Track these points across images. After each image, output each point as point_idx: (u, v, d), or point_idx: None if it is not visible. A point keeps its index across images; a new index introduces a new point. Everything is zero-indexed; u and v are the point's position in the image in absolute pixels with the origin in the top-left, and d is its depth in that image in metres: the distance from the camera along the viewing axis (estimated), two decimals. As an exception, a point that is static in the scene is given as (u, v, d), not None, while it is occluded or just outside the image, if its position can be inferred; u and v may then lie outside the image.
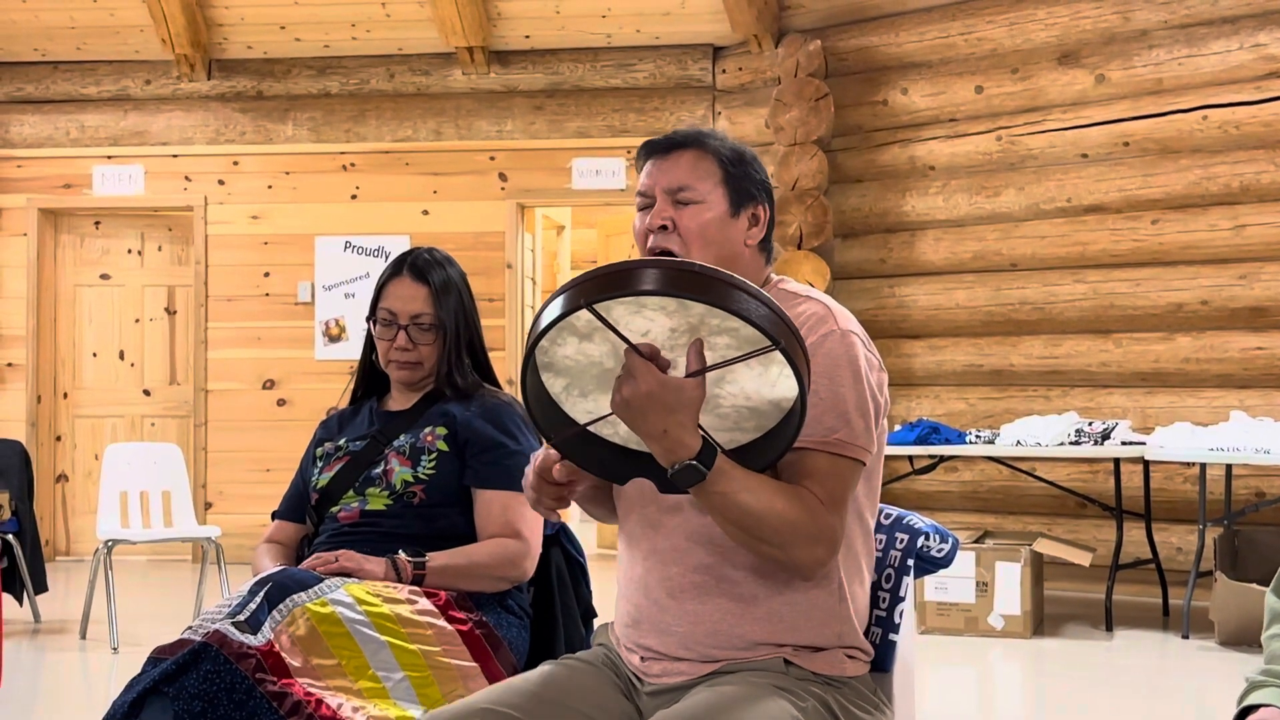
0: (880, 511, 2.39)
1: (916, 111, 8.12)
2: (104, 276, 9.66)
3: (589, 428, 2.05)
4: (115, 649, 6.01)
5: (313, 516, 2.98)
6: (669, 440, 1.93)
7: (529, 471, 2.17)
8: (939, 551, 2.35)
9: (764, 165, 2.31)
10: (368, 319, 3.01)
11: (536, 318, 1.91)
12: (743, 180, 2.23)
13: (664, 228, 2.19)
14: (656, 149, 2.26)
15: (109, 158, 9.48)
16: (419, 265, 2.97)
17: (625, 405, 1.92)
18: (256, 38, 9.25)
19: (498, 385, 3.06)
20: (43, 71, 9.51)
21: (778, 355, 1.88)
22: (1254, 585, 5.88)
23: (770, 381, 1.94)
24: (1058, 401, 7.59)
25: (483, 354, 3.05)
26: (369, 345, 3.05)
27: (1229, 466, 6.41)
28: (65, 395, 9.59)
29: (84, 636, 6.33)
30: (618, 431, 2.05)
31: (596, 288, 1.85)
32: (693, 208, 2.20)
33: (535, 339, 1.90)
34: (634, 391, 1.90)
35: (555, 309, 1.87)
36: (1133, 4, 7.39)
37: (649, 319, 1.89)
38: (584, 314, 1.86)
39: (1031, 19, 7.73)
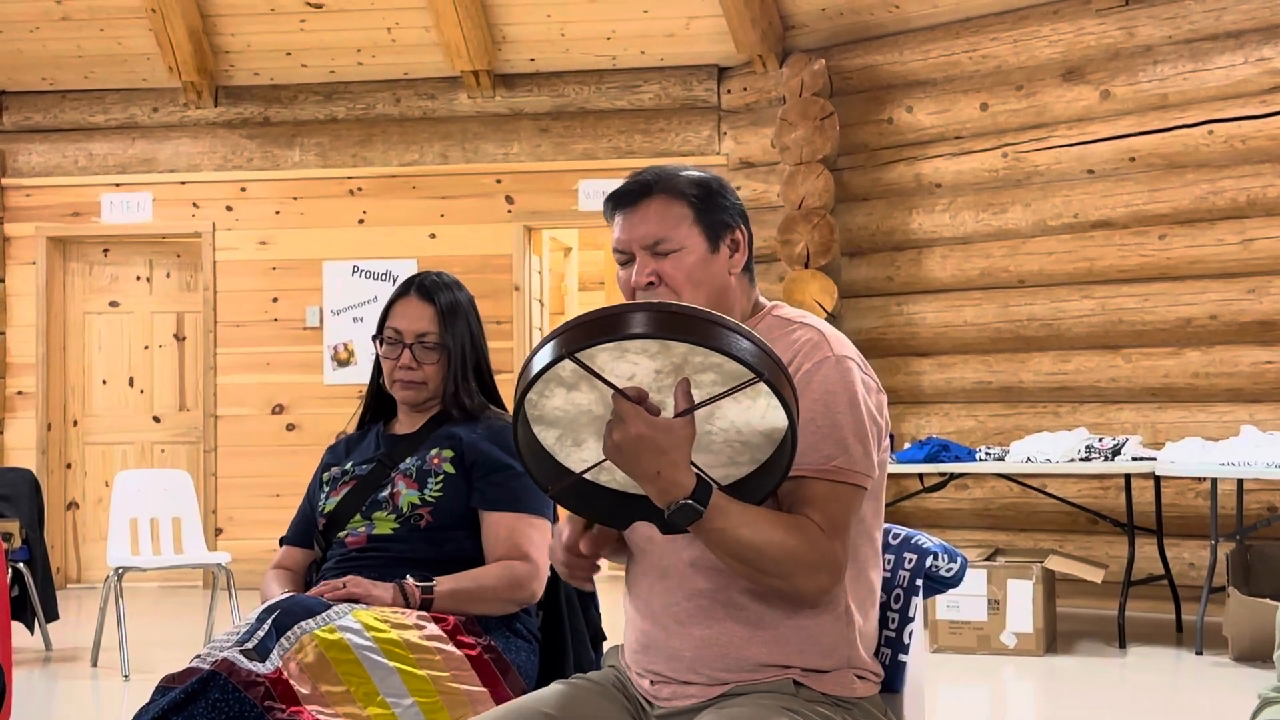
0: (888, 531, 2.39)
1: (922, 129, 8.12)
2: (113, 304, 9.68)
3: (585, 476, 2.05)
4: (126, 677, 6.00)
5: (320, 542, 2.98)
6: (663, 481, 1.94)
7: (556, 549, 2.20)
8: (948, 571, 2.34)
9: (732, 187, 2.30)
10: (374, 338, 3.01)
11: (522, 370, 1.93)
12: (714, 212, 2.21)
13: (651, 284, 2.18)
14: (622, 201, 2.24)
15: (117, 185, 9.51)
16: (427, 286, 2.98)
17: (617, 450, 1.93)
18: (263, 64, 9.29)
19: (504, 408, 3.06)
20: (50, 100, 9.55)
21: (764, 387, 1.88)
22: (1267, 600, 5.85)
23: (760, 414, 1.95)
24: (1067, 418, 7.57)
25: (489, 377, 3.05)
26: (377, 369, 3.06)
27: (1240, 481, 6.38)
28: (75, 423, 9.60)
29: (95, 664, 6.33)
30: (615, 477, 2.06)
31: (577, 337, 1.86)
32: (673, 256, 2.18)
33: (523, 392, 1.91)
34: (624, 436, 1.91)
35: (539, 362, 1.89)
36: (1137, 19, 7.40)
37: (633, 362, 1.90)
38: (569, 364, 1.87)
39: (1036, 36, 7.74)
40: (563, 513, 2.21)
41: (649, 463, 1.92)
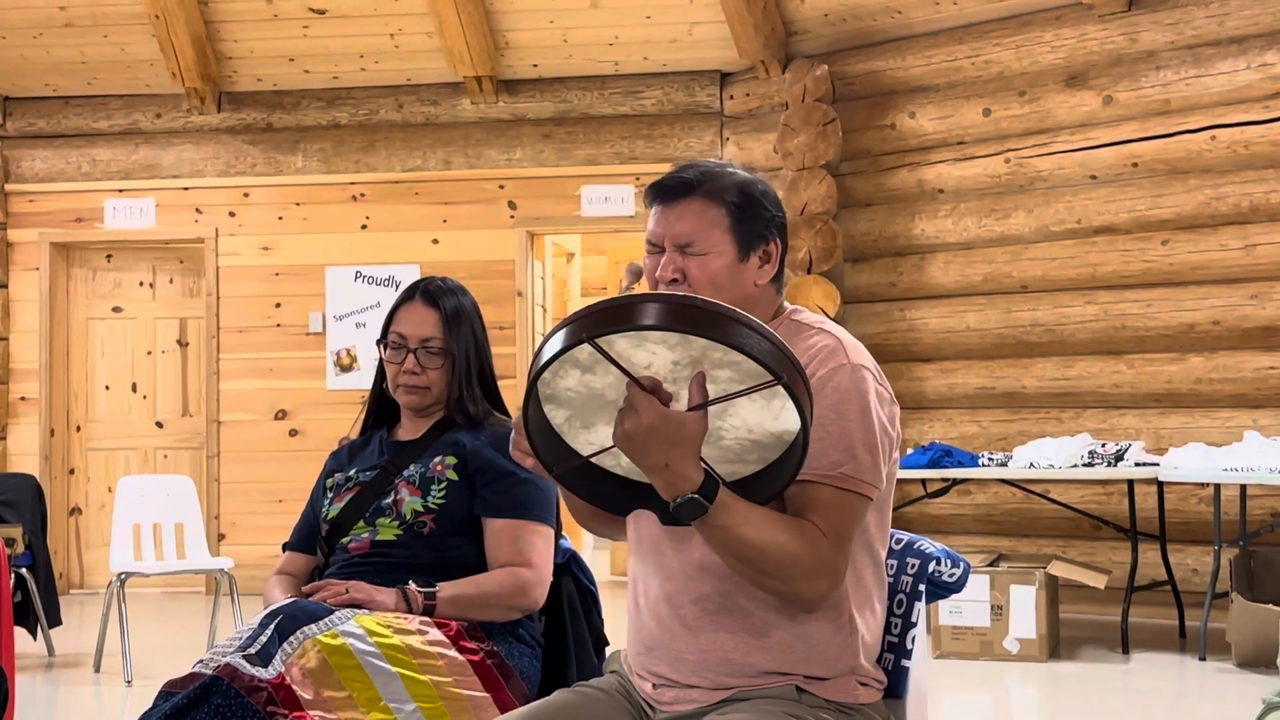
0: (891, 537, 2.38)
1: (924, 135, 8.12)
2: (116, 309, 9.69)
3: (592, 459, 2.05)
4: (129, 682, 6.00)
5: (323, 548, 2.98)
6: (671, 474, 1.93)
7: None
8: (950, 577, 2.34)
9: (775, 193, 2.27)
10: (378, 342, 3.01)
11: (539, 350, 1.91)
12: (751, 222, 2.20)
13: (675, 280, 2.18)
14: (663, 194, 2.22)
15: (120, 191, 9.51)
16: (431, 291, 2.98)
17: (627, 439, 1.92)
18: (266, 70, 9.29)
19: (507, 414, 3.06)
20: (54, 106, 9.56)
21: (780, 389, 1.88)
22: (1270, 606, 5.85)
23: (773, 414, 1.94)
24: (1070, 423, 7.57)
25: (493, 383, 3.05)
26: (380, 375, 3.06)
27: (1243, 487, 6.37)
28: (78, 428, 9.60)
29: (98, 670, 6.32)
30: (620, 463, 2.05)
31: (598, 322, 1.85)
32: (701, 258, 2.17)
33: (538, 371, 1.90)
34: (636, 425, 1.90)
35: (557, 343, 1.88)
36: (1139, 25, 7.40)
37: (651, 352, 1.89)
38: (586, 347, 1.86)
39: (1038, 41, 7.74)
40: (579, 530, 2.20)
41: (658, 454, 1.92)
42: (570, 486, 2.08)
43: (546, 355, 1.89)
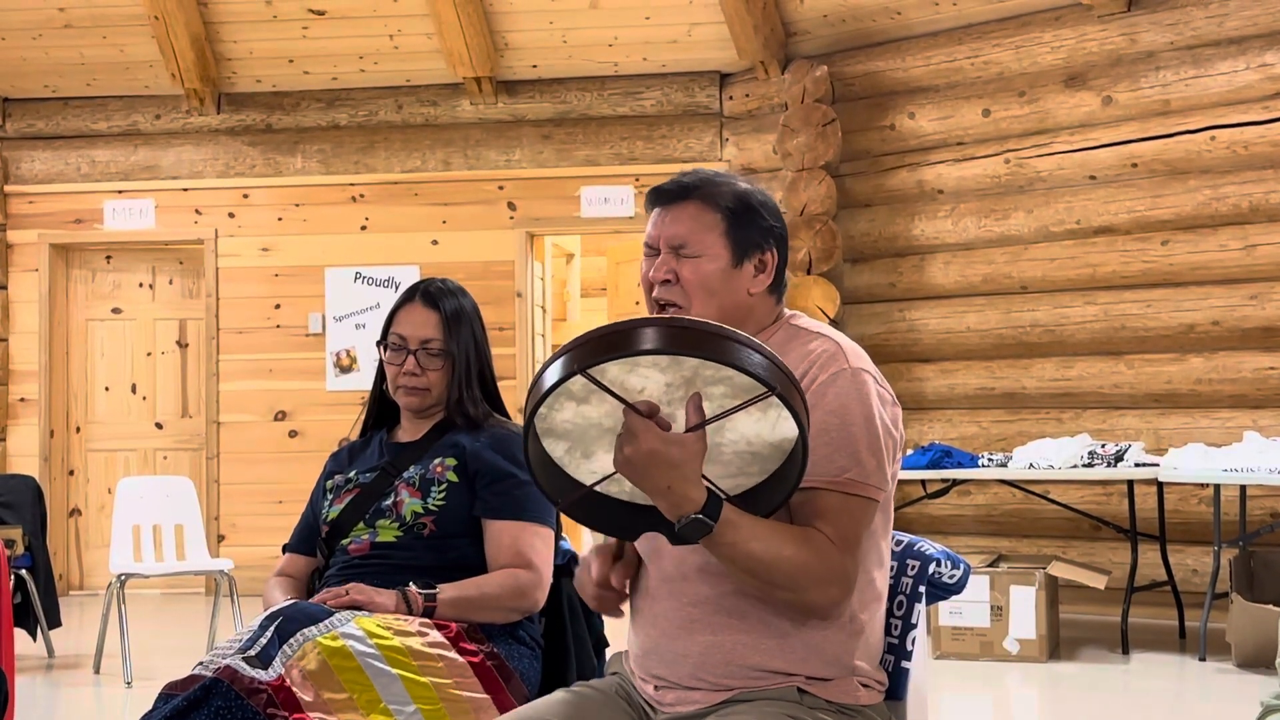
0: (891, 538, 2.38)
1: (924, 135, 8.12)
2: (115, 310, 9.68)
3: (595, 488, 2.05)
4: (129, 683, 6.00)
5: (323, 549, 2.98)
6: (674, 495, 1.94)
7: (587, 584, 2.22)
8: (950, 578, 2.34)
9: (776, 205, 2.28)
10: (378, 344, 3.01)
11: (532, 385, 1.93)
12: (747, 229, 2.22)
13: (667, 281, 2.20)
14: (661, 198, 2.25)
15: (120, 192, 9.51)
16: (431, 292, 2.98)
17: (628, 464, 1.93)
18: (265, 71, 9.29)
19: (507, 415, 3.06)
20: (53, 108, 9.56)
21: (776, 400, 1.89)
22: (1270, 607, 5.85)
23: (770, 425, 1.95)
24: (1070, 424, 7.57)
25: (493, 384, 3.05)
26: (379, 376, 3.06)
27: (1243, 487, 6.37)
28: (78, 429, 9.60)
29: (98, 671, 6.32)
30: (624, 488, 2.06)
31: (588, 353, 1.86)
32: (694, 261, 2.19)
33: (533, 408, 1.91)
34: (635, 450, 1.91)
35: (550, 378, 1.89)
36: (1139, 26, 7.40)
37: (644, 376, 1.90)
38: (579, 378, 1.87)
39: (1038, 42, 7.74)
40: (579, 531, 2.22)
41: (660, 477, 1.92)
42: (577, 517, 2.09)
43: (540, 391, 1.90)
